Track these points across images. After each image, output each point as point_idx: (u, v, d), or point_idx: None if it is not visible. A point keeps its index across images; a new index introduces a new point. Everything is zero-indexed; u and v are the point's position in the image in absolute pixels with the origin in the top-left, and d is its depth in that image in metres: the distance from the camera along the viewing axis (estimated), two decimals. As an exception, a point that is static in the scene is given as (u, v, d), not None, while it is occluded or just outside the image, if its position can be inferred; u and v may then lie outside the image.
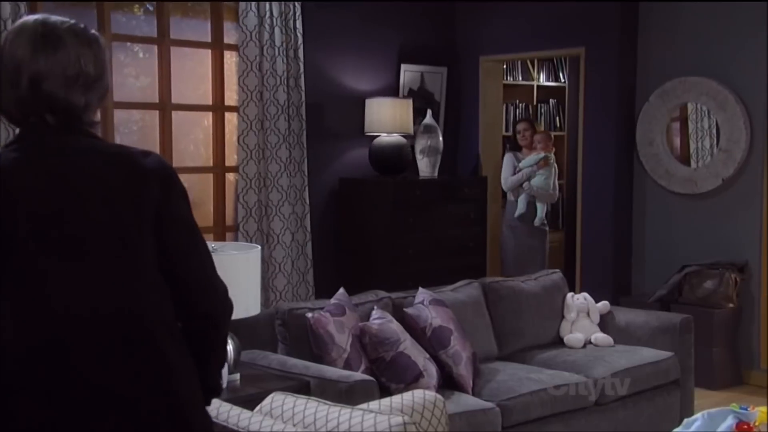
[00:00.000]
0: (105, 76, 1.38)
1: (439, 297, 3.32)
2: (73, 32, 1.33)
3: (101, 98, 1.39)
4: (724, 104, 4.32)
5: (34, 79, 1.30)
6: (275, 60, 4.46)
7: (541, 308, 3.68)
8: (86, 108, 1.35)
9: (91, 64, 1.34)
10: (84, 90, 1.34)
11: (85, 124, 1.37)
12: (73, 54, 1.32)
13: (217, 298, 1.41)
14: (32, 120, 1.31)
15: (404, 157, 4.76)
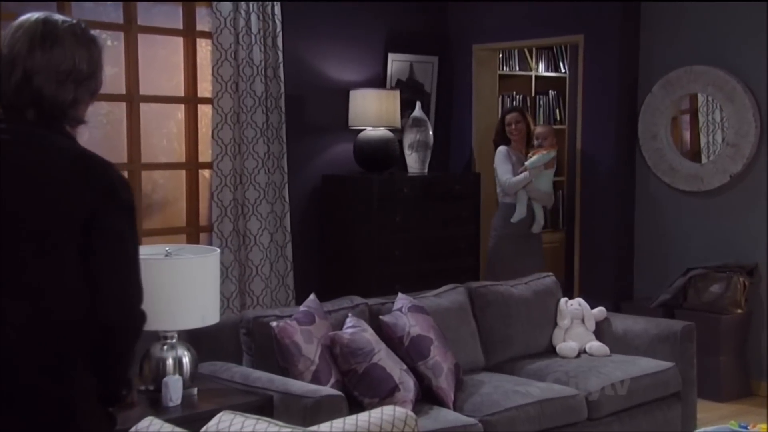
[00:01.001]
0: (97, 74, 1.51)
1: (419, 303, 3.21)
2: (71, 31, 1.47)
3: (92, 94, 1.52)
4: (731, 95, 4.22)
5: (27, 73, 1.43)
6: (252, 48, 4.36)
7: (532, 315, 3.59)
8: (74, 103, 1.48)
9: (85, 62, 1.47)
10: (75, 86, 1.47)
11: (71, 119, 1.48)
12: (69, 52, 1.45)
13: (122, 310, 1.46)
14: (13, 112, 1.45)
15: (391, 152, 4.68)
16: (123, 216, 1.47)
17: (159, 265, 2.48)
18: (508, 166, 4.54)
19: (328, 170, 4.75)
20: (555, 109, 6.09)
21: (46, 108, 1.45)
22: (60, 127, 1.49)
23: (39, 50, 1.44)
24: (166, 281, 2.46)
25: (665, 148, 4.53)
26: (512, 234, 4.55)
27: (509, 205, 4.57)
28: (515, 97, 5.87)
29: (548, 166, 4.51)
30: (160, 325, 2.48)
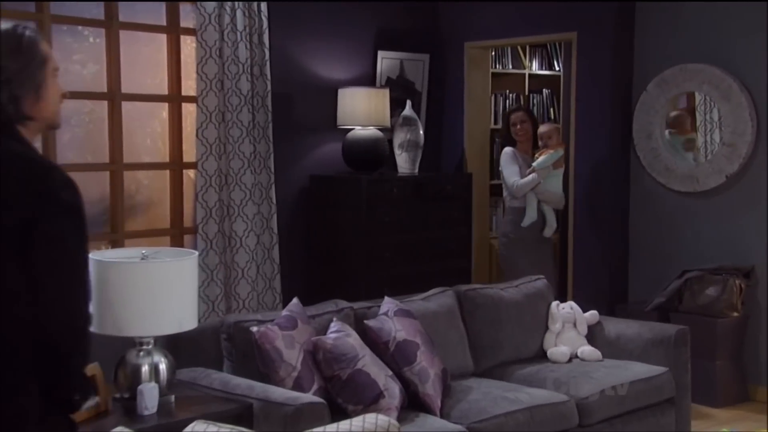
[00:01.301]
0: (30, 69, 1.51)
1: (405, 307, 3.18)
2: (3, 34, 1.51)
3: (36, 90, 1.52)
4: (727, 93, 4.19)
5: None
6: (237, 46, 4.32)
7: (522, 318, 3.56)
8: (13, 100, 1.50)
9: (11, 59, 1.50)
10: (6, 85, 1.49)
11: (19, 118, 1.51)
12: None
13: (62, 313, 1.46)
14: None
15: (381, 152, 4.64)
16: (64, 218, 1.47)
17: (134, 268, 2.43)
18: (515, 168, 4.40)
19: (316, 170, 4.72)
20: (549, 108, 6.07)
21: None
22: (12, 131, 1.51)
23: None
24: (142, 285, 2.42)
25: (660, 147, 4.50)
26: (523, 239, 4.42)
27: (518, 209, 4.44)
28: (508, 96, 5.84)
29: (557, 165, 4.37)
30: (136, 330, 2.44)
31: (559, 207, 4.46)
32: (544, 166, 4.32)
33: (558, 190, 4.41)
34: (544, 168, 4.32)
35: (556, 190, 4.40)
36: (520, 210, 4.41)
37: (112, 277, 2.40)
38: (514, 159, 4.40)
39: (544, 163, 4.32)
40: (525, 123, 4.44)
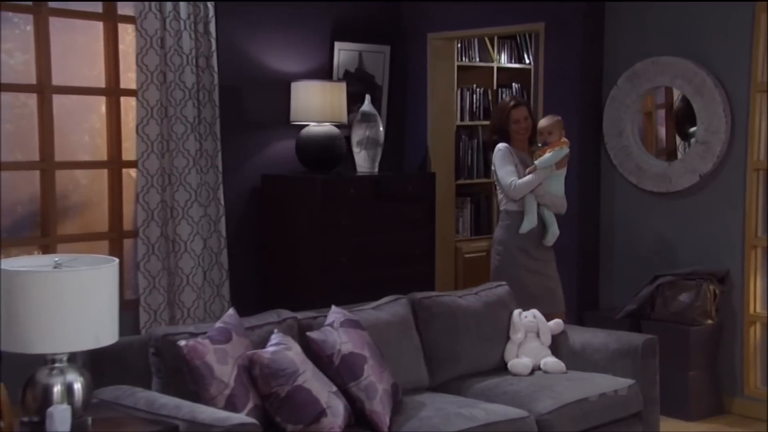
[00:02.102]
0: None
1: (354, 317, 3.08)
2: None
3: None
4: (701, 88, 4.15)
5: None
6: (181, 35, 4.21)
7: (482, 328, 3.48)
8: None
9: None
10: None
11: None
12: None
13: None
14: None
15: (337, 150, 4.57)
16: None
17: (45, 278, 2.30)
18: (510, 167, 3.99)
19: (268, 170, 4.63)
20: (519, 104, 5.98)
21: None
22: None
23: None
24: (54, 297, 2.28)
25: (632, 145, 4.45)
26: (522, 248, 4.00)
27: (515, 214, 4.01)
28: (475, 90, 5.77)
29: (559, 165, 3.98)
30: (46, 347, 2.31)
31: (560, 212, 4.07)
32: (547, 165, 3.94)
33: (560, 192, 4.04)
34: (547, 167, 3.95)
35: (557, 192, 4.02)
36: (518, 215, 4.00)
37: (19, 287, 2.27)
38: (509, 157, 4.00)
39: (547, 162, 3.94)
40: (528, 119, 4.08)
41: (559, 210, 4.07)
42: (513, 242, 4.01)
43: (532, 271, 4.00)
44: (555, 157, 3.95)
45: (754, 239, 4.07)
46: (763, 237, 4.08)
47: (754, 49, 3.98)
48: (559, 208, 4.07)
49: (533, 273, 4.00)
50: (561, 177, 4.04)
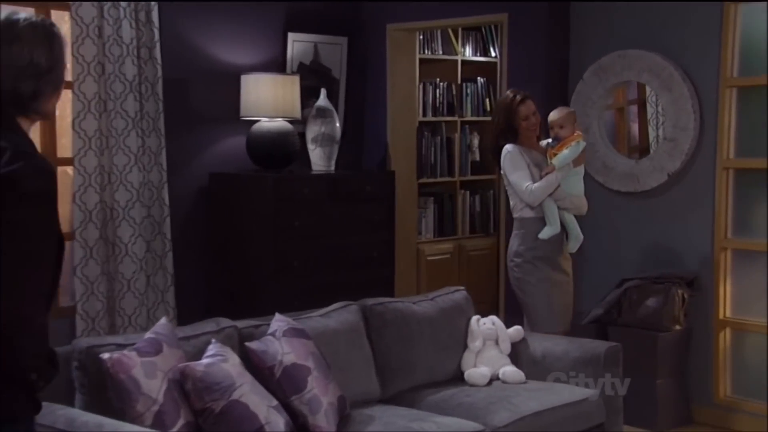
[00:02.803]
0: (57, 68, 1.72)
1: (299, 326, 3.00)
2: (32, 27, 1.68)
3: (55, 88, 1.73)
4: (668, 83, 4.12)
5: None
6: (120, 24, 4.10)
7: (437, 336, 3.43)
8: (35, 96, 1.69)
9: (44, 57, 1.68)
10: (34, 79, 1.68)
11: (33, 112, 1.70)
12: (27, 48, 1.67)
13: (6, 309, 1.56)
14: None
15: (290, 147, 4.48)
16: (24, 206, 1.58)
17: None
18: (523, 170, 3.70)
19: (217, 167, 4.53)
20: (484, 99, 5.96)
21: (3, 101, 1.67)
22: (9, 121, 1.67)
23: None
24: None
25: (598, 143, 4.41)
26: (543, 258, 3.71)
27: (531, 221, 3.72)
28: (439, 85, 5.72)
29: (577, 162, 3.73)
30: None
31: (581, 213, 3.81)
32: (565, 163, 3.66)
33: (580, 192, 3.78)
34: (565, 166, 3.67)
35: (577, 192, 3.76)
36: (535, 222, 3.71)
37: None
38: (520, 159, 3.72)
39: (565, 160, 3.65)
40: (536, 114, 3.79)
41: (580, 211, 3.81)
42: (531, 252, 3.71)
43: (554, 284, 3.73)
44: (573, 153, 3.67)
45: (723, 241, 4.06)
46: (733, 239, 4.07)
47: (723, 43, 3.97)
48: (581, 209, 3.81)
49: (555, 286, 3.73)
50: (580, 175, 3.79)
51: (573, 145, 3.68)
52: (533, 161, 3.78)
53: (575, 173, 3.76)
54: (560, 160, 3.67)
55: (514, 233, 3.82)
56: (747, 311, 4.05)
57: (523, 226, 3.77)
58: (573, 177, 3.75)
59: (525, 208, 3.75)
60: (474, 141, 5.93)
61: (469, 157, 5.89)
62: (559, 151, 3.68)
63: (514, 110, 3.77)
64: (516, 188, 3.73)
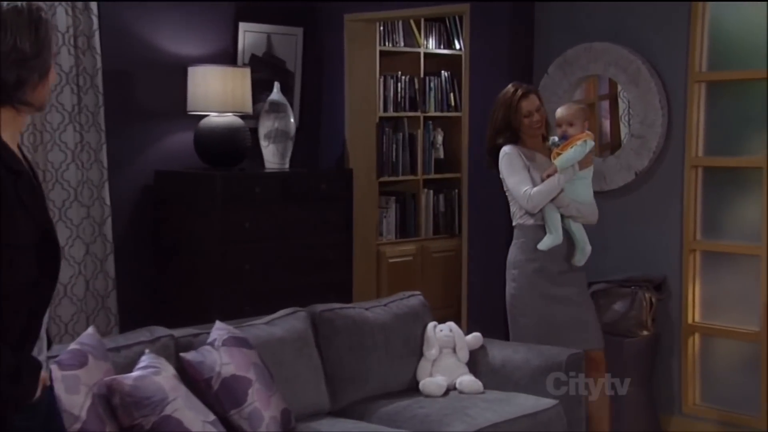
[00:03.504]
0: (43, 55, 1.69)
1: (241, 334, 2.92)
2: (15, 11, 1.67)
3: (41, 76, 1.70)
4: (635, 77, 4.09)
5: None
6: (55, 11, 4.01)
7: (391, 344, 3.37)
8: (18, 84, 1.67)
9: (28, 42, 1.66)
10: (17, 67, 1.65)
11: (16, 101, 1.68)
12: (10, 33, 1.65)
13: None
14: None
15: (241, 143, 4.41)
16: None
17: None
18: (522, 173, 3.42)
19: (162, 165, 4.45)
20: (449, 93, 5.92)
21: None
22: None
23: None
24: None
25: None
26: (542, 270, 3.43)
27: (531, 229, 3.44)
28: (400, 78, 5.66)
29: (583, 164, 3.41)
30: None
31: (590, 221, 3.51)
32: (568, 165, 3.35)
33: (588, 198, 3.47)
34: (569, 169, 3.36)
35: (585, 198, 3.45)
36: (535, 230, 3.43)
37: None
38: (518, 161, 3.43)
39: (568, 161, 3.34)
40: (542, 110, 3.49)
41: (589, 220, 3.50)
42: (530, 264, 3.44)
43: (556, 300, 3.43)
44: (577, 154, 3.34)
45: (692, 242, 4.04)
46: (702, 240, 4.05)
47: (692, 35, 3.95)
48: (589, 217, 3.49)
49: (558, 302, 3.44)
50: (587, 179, 3.47)
51: (578, 144, 3.35)
52: (536, 164, 3.47)
53: (581, 177, 3.43)
54: (563, 162, 3.35)
55: (513, 242, 3.55)
56: (716, 316, 4.03)
57: (522, 235, 3.48)
58: (579, 181, 3.42)
59: (525, 215, 3.46)
60: (438, 138, 5.90)
61: (432, 155, 5.85)
62: (563, 151, 3.37)
63: (515, 107, 3.46)
64: (514, 193, 3.46)
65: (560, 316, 3.45)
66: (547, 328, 3.42)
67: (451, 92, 5.91)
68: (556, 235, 3.40)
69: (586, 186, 3.49)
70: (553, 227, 3.41)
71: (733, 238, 3.97)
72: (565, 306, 3.46)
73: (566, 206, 3.41)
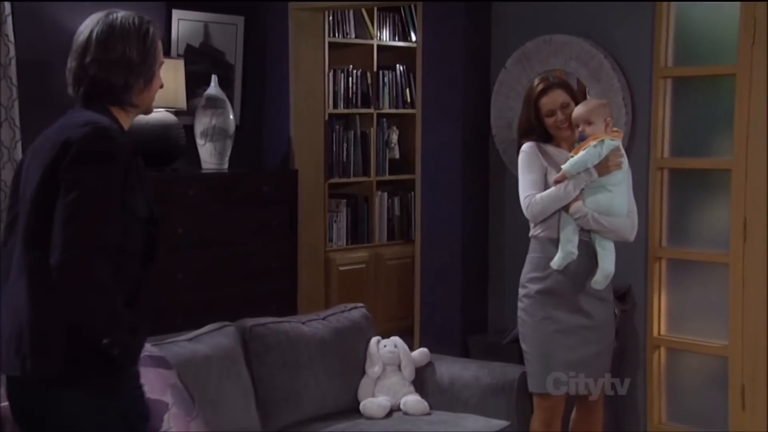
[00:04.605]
0: (149, 62, 2.11)
1: (158, 353, 2.83)
2: (126, 23, 2.09)
3: (146, 82, 2.11)
4: (597, 72, 4.06)
5: (84, 61, 2.08)
6: (-38, -4, 3.84)
7: (330, 361, 3.33)
8: (126, 88, 2.08)
9: (136, 51, 2.08)
10: (125, 72, 2.07)
11: (124, 102, 2.10)
12: (120, 42, 2.06)
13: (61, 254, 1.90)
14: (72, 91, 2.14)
15: (173, 141, 4.32)
16: (80, 167, 1.95)
17: None
18: (534, 175, 3.16)
19: (86, 165, 4.32)
20: (404, 88, 5.90)
21: (95, 90, 2.07)
22: (101, 106, 2.08)
23: (96, 42, 2.07)
24: None
25: (524, 139, 4.31)
26: (553, 293, 3.15)
27: (546, 243, 3.17)
28: (352, 72, 5.62)
29: (603, 169, 3.11)
30: None
31: (624, 238, 3.23)
32: (578, 170, 3.09)
33: (617, 209, 3.16)
34: (582, 174, 3.10)
35: (612, 209, 3.15)
36: (547, 244, 3.16)
37: None
38: (535, 161, 3.18)
39: (578, 166, 3.08)
40: (568, 107, 3.20)
41: (622, 236, 3.20)
42: (537, 284, 3.15)
43: (561, 330, 3.12)
44: (590, 157, 3.08)
45: (658, 250, 4.01)
46: (668, 247, 4.01)
47: (657, 28, 3.91)
48: (621, 232, 3.18)
49: (568, 333, 3.13)
50: (616, 186, 3.15)
51: (591, 146, 3.08)
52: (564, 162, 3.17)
53: (603, 185, 3.12)
54: (571, 167, 3.09)
55: (527, 258, 3.28)
56: (683, 329, 3.98)
57: (533, 249, 3.22)
58: (601, 189, 3.12)
59: (538, 225, 3.19)
60: (393, 136, 5.86)
61: (387, 155, 5.81)
62: (577, 153, 3.14)
63: (536, 103, 3.22)
64: (524, 196, 3.18)
65: (568, 350, 3.12)
66: (541, 360, 3.12)
67: (407, 87, 5.89)
68: (567, 251, 3.10)
69: (614, 195, 3.15)
70: (565, 241, 3.12)
71: (700, 246, 3.93)
72: (573, 337, 3.13)
73: (583, 217, 3.10)
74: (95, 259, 1.90)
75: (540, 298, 3.16)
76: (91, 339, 1.93)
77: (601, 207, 3.14)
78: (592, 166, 3.10)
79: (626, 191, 3.22)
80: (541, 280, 3.16)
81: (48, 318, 1.94)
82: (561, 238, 3.13)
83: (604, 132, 3.15)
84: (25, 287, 1.96)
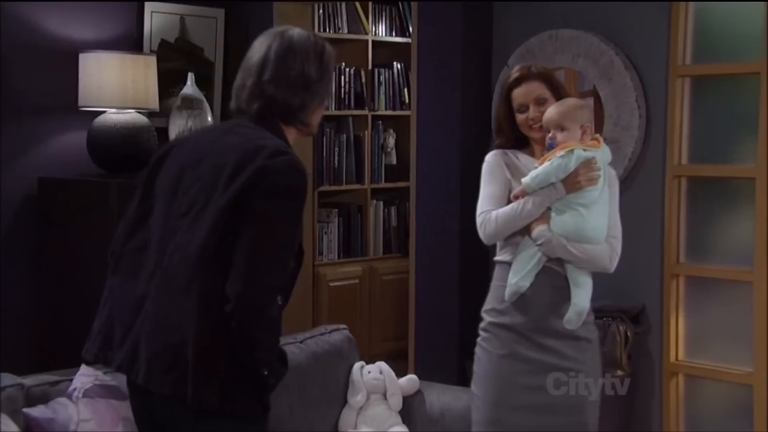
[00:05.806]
0: (324, 81, 2.25)
1: (111, 382, 2.76)
2: (305, 41, 2.23)
3: (320, 101, 2.27)
4: (608, 71, 3.99)
5: (261, 80, 2.20)
6: None
7: (308, 389, 3.25)
8: (302, 106, 2.22)
9: (313, 68, 2.21)
10: (303, 91, 2.21)
11: (298, 122, 2.24)
12: (299, 59, 2.20)
13: (244, 286, 2.03)
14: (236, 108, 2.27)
15: (145, 145, 4.29)
16: (273, 198, 2.05)
17: None
18: (495, 188, 2.81)
19: (48, 171, 4.36)
20: (402, 88, 5.93)
21: (271, 109, 2.19)
22: (275, 124, 2.20)
23: (274, 58, 2.18)
24: None
25: (528, 143, 4.25)
26: (510, 328, 2.78)
27: (505, 269, 2.83)
28: (344, 70, 5.61)
29: (571, 185, 2.72)
30: None
31: (599, 268, 2.83)
32: (541, 185, 2.72)
33: (591, 234, 2.77)
34: (546, 190, 2.72)
35: (584, 234, 2.75)
36: (507, 270, 2.82)
37: None
38: (496, 172, 2.83)
39: (539, 180, 2.72)
40: (545, 104, 2.81)
41: (596, 265, 2.79)
42: (496, 317, 2.80)
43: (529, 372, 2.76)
44: (554, 170, 2.70)
45: (675, 266, 3.93)
46: (686, 263, 3.94)
47: (674, 22, 3.85)
48: (596, 260, 2.78)
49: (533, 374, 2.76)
50: (591, 206, 2.76)
51: (558, 156, 2.70)
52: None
53: (570, 204, 2.74)
54: (532, 180, 2.71)
55: (490, 284, 2.93)
56: (703, 353, 3.91)
57: (496, 276, 2.86)
58: (567, 210, 2.74)
59: (503, 248, 2.85)
60: (389, 140, 5.86)
61: (382, 160, 5.82)
62: (542, 164, 2.77)
63: (506, 95, 2.86)
64: (481, 212, 2.82)
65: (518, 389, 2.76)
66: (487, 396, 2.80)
67: (405, 87, 5.89)
68: (520, 276, 2.75)
69: (587, 218, 2.76)
70: (514, 270, 2.76)
71: (722, 262, 3.85)
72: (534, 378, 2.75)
73: (548, 243, 2.71)
74: (272, 297, 2.04)
75: (496, 334, 2.80)
76: (251, 368, 2.08)
77: (569, 231, 2.74)
78: (558, 180, 2.71)
79: (604, 213, 2.82)
80: (499, 313, 2.80)
81: (216, 346, 2.05)
82: (513, 265, 2.78)
83: (578, 140, 2.75)
84: (196, 307, 2.04)
